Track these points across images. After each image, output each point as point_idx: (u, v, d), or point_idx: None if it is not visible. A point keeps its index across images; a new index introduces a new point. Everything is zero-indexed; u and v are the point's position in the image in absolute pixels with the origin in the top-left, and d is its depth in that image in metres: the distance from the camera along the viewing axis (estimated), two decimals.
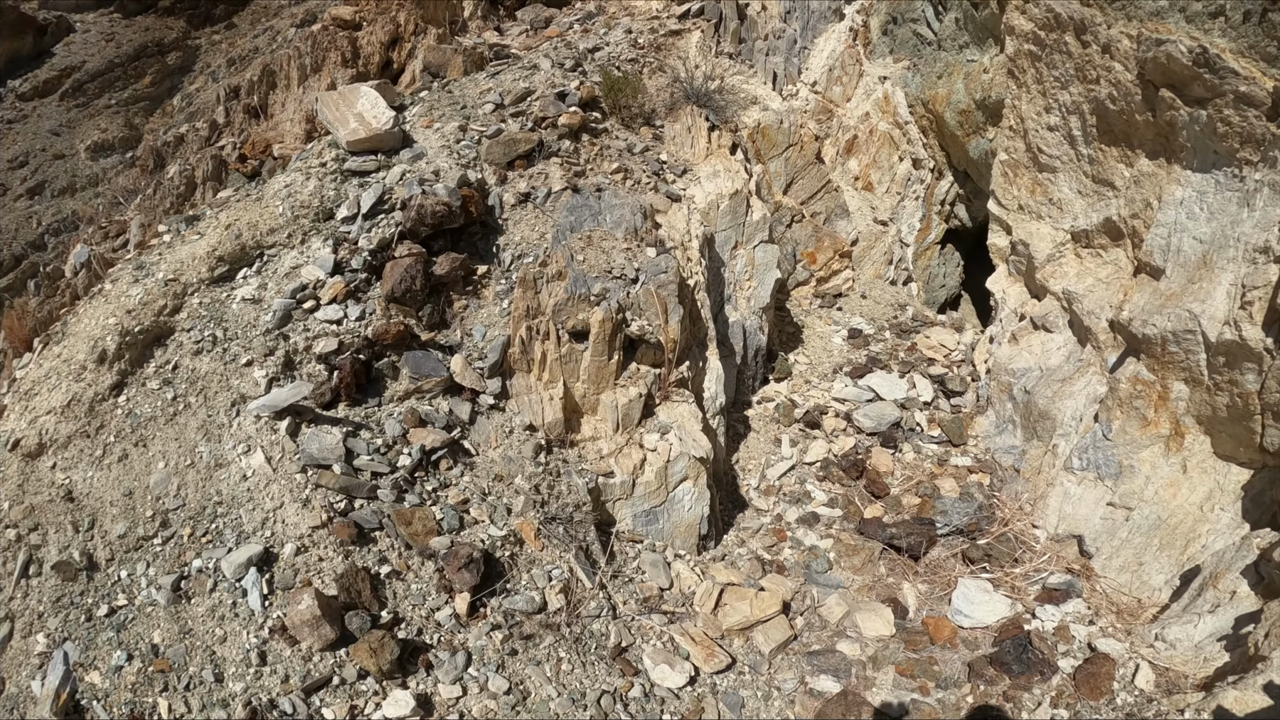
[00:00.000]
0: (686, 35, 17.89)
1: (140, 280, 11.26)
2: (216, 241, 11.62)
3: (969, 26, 16.71)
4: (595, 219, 12.10)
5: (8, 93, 40.13)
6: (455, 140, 12.89)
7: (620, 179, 13.06)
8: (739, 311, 13.77)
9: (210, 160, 14.89)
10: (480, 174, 12.48)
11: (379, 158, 12.48)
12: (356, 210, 11.66)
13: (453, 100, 13.90)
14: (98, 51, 41.31)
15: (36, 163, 35.41)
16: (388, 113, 12.54)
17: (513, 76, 14.47)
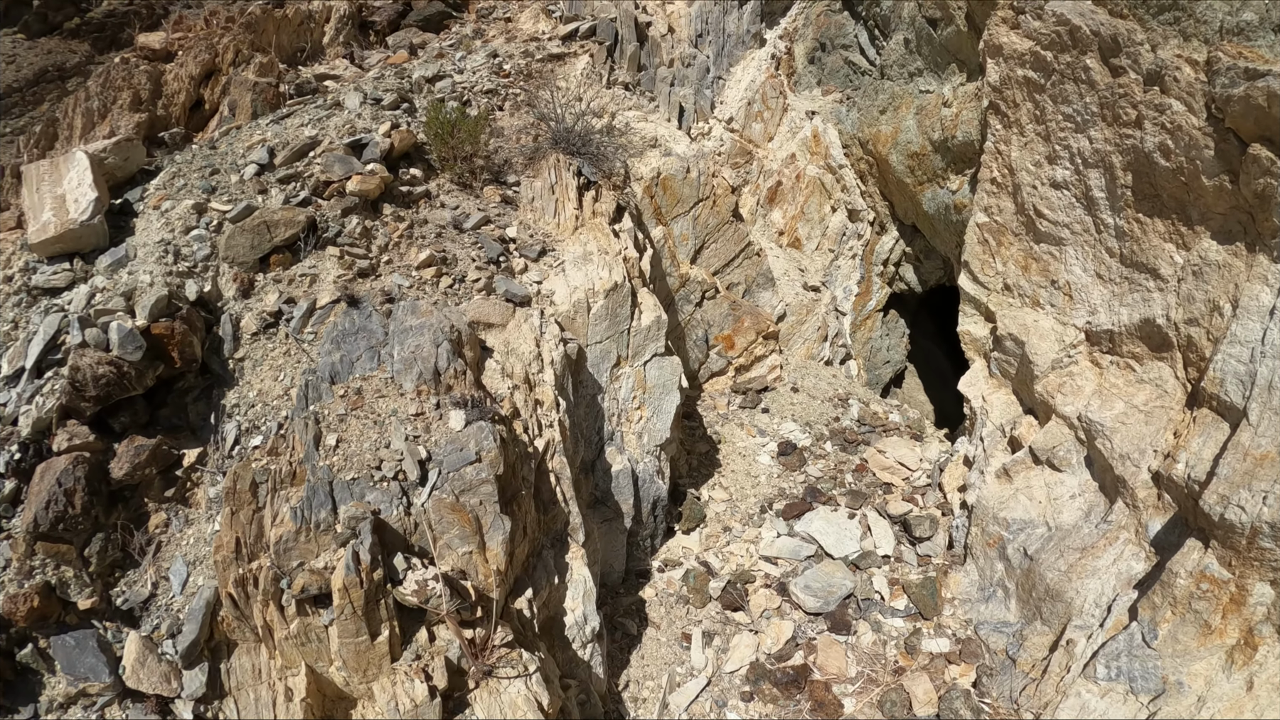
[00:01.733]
0: (571, 61, 12.86)
1: None
2: None
3: (923, 49, 12.57)
4: (375, 355, 7.41)
5: None
6: (184, 228, 8.06)
7: (432, 276, 8.24)
8: (626, 453, 9.08)
9: None
10: (211, 284, 7.76)
11: (74, 266, 7.77)
12: (23, 363, 6.94)
13: (209, 161, 8.99)
14: None
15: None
16: (90, 195, 7.69)
17: (302, 120, 9.57)
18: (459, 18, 15.96)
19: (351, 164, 8.60)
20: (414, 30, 15.34)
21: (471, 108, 10.58)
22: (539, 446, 7.59)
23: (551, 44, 13.15)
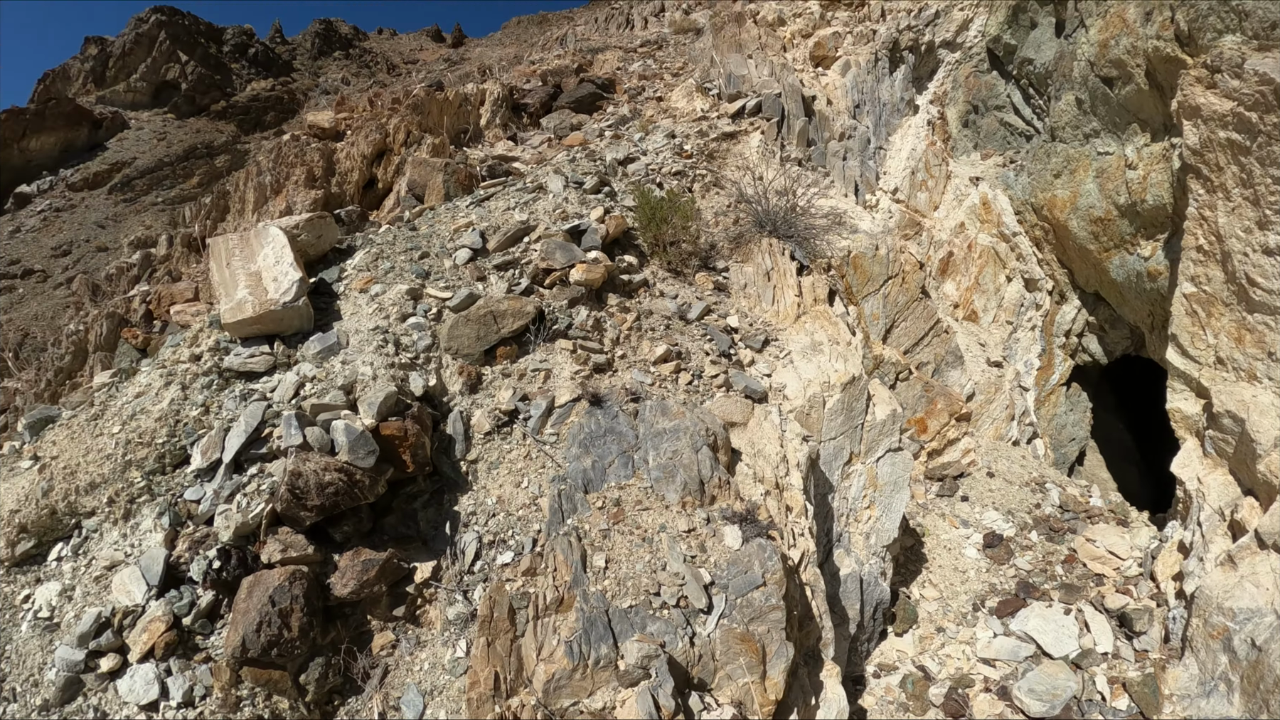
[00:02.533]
0: (744, 138, 11.87)
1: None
2: (23, 494, 6.23)
3: (1098, 109, 11.46)
4: (628, 460, 6.29)
5: (59, 181, 36.74)
6: (400, 315, 7.06)
7: (670, 373, 7.14)
8: (854, 555, 8.02)
9: (105, 320, 9.01)
10: (435, 377, 6.68)
11: (274, 349, 6.80)
12: (217, 455, 5.92)
13: (413, 242, 8.06)
14: (149, 149, 37.29)
15: (80, 253, 31.35)
16: (291, 275, 6.71)
17: (507, 203, 8.58)
18: (609, 98, 15.26)
19: (573, 251, 7.64)
20: (567, 112, 14.64)
21: (663, 189, 9.61)
22: (794, 557, 6.47)
23: (721, 122, 12.23)
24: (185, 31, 46.74)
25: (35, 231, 32.66)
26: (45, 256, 31.05)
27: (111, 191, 34.81)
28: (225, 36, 51.29)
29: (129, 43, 46.69)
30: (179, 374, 6.70)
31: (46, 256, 31.05)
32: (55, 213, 33.84)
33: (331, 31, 57.72)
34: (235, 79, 46.19)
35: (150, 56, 45.30)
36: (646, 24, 26.84)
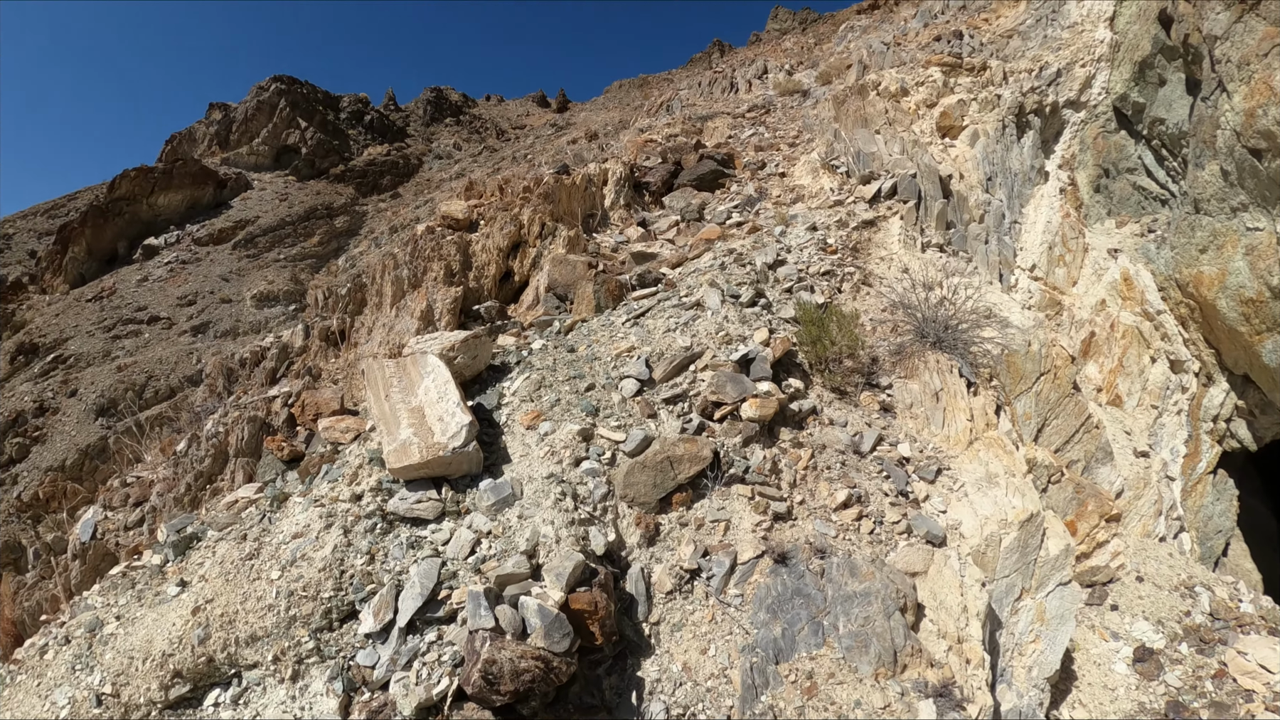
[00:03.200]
0: (883, 225, 11.16)
1: (79, 670, 6.05)
2: (177, 636, 5.81)
3: (1245, 182, 10.54)
4: (817, 627, 5.62)
5: (185, 236, 37.91)
6: (573, 460, 6.47)
7: (852, 520, 6.51)
8: (1014, 688, 7.26)
9: (248, 424, 8.67)
10: (613, 530, 6.07)
11: (442, 495, 6.23)
12: (390, 617, 5.38)
13: (573, 367, 7.48)
14: (271, 209, 37.99)
15: (204, 303, 31.97)
16: (459, 418, 6.17)
17: (666, 322, 7.97)
18: (731, 174, 14.66)
19: (743, 384, 7.00)
20: (690, 190, 14.07)
21: (815, 294, 8.91)
22: (972, 715, 5.72)
23: (859, 208, 11.49)
24: (304, 99, 47.78)
25: (162, 281, 33.40)
26: (171, 305, 31.80)
27: (235, 247, 35.49)
28: (342, 104, 52.42)
29: (251, 109, 47.83)
30: (339, 515, 6.22)
31: (172, 305, 31.80)
32: (181, 265, 34.62)
33: (442, 99, 58.56)
34: (352, 144, 47.07)
35: (271, 122, 46.38)
36: (750, 87, 26.23)
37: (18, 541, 22.26)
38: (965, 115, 13.88)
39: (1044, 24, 16.57)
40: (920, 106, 14.20)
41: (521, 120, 55.62)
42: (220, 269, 34.07)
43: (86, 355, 29.34)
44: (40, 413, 26.59)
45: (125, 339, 30.01)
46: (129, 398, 26.21)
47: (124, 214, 38.95)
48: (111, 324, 31.04)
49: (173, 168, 40.62)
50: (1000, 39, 17.28)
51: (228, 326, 29.99)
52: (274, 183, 42.26)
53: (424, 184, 40.85)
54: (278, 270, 33.13)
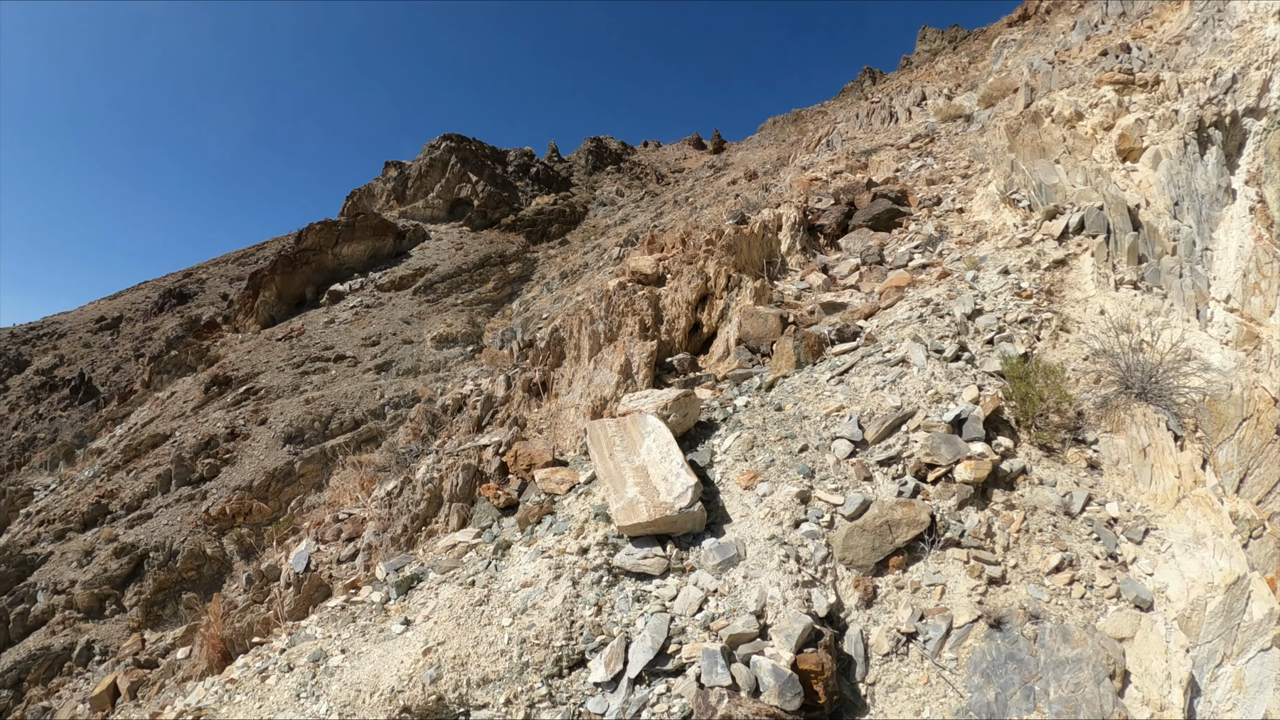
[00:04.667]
0: (1073, 263, 10.71)
1: (303, 698, 6.35)
2: (406, 674, 6.05)
3: None
4: (1029, 691, 5.50)
5: (369, 282, 39.70)
6: (793, 522, 6.44)
7: (1064, 585, 6.26)
8: None
9: (461, 471, 8.89)
10: (833, 592, 6.02)
11: (667, 551, 6.30)
12: (620, 668, 5.51)
13: (783, 426, 7.44)
14: (448, 257, 39.46)
15: (387, 344, 33.13)
16: (684, 479, 6.22)
17: (872, 380, 7.85)
18: (906, 213, 14.27)
19: (956, 445, 6.85)
20: (866, 231, 13.81)
21: (1015, 343, 8.61)
22: None
23: (1047, 246, 11.02)
24: (473, 155, 49.62)
25: (347, 324, 34.93)
26: (356, 345, 33.22)
27: (415, 293, 36.95)
28: (508, 158, 54.24)
29: (424, 166, 49.97)
30: (567, 567, 6.36)
31: (357, 345, 33.21)
32: (365, 309, 36.15)
33: (602, 148, 59.79)
34: (520, 195, 48.55)
35: (444, 177, 48.33)
36: (910, 115, 25.60)
37: (203, 550, 23.56)
38: (1144, 135, 13.06)
39: (1211, 25, 15.44)
40: (1097, 130, 13.46)
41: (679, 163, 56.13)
42: (401, 313, 35.45)
43: (276, 388, 30.91)
44: (231, 437, 28.13)
45: (313, 375, 31.49)
46: (315, 428, 27.45)
47: (311, 262, 41.09)
48: (300, 361, 32.63)
49: (355, 220, 42.69)
50: (1168, 47, 16.28)
51: (409, 365, 31.13)
52: (449, 233, 43.84)
53: (590, 230, 41.79)
54: (455, 314, 34.33)
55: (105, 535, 25.89)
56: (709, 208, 27.92)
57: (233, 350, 36.55)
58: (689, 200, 33.73)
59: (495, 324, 31.98)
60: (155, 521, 25.63)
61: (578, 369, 10.47)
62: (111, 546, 24.99)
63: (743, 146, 53.29)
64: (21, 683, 22.10)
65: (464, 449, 10.03)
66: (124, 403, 39.72)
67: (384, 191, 51.73)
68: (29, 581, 25.38)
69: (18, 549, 26.89)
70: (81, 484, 30.44)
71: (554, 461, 8.65)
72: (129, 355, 62.87)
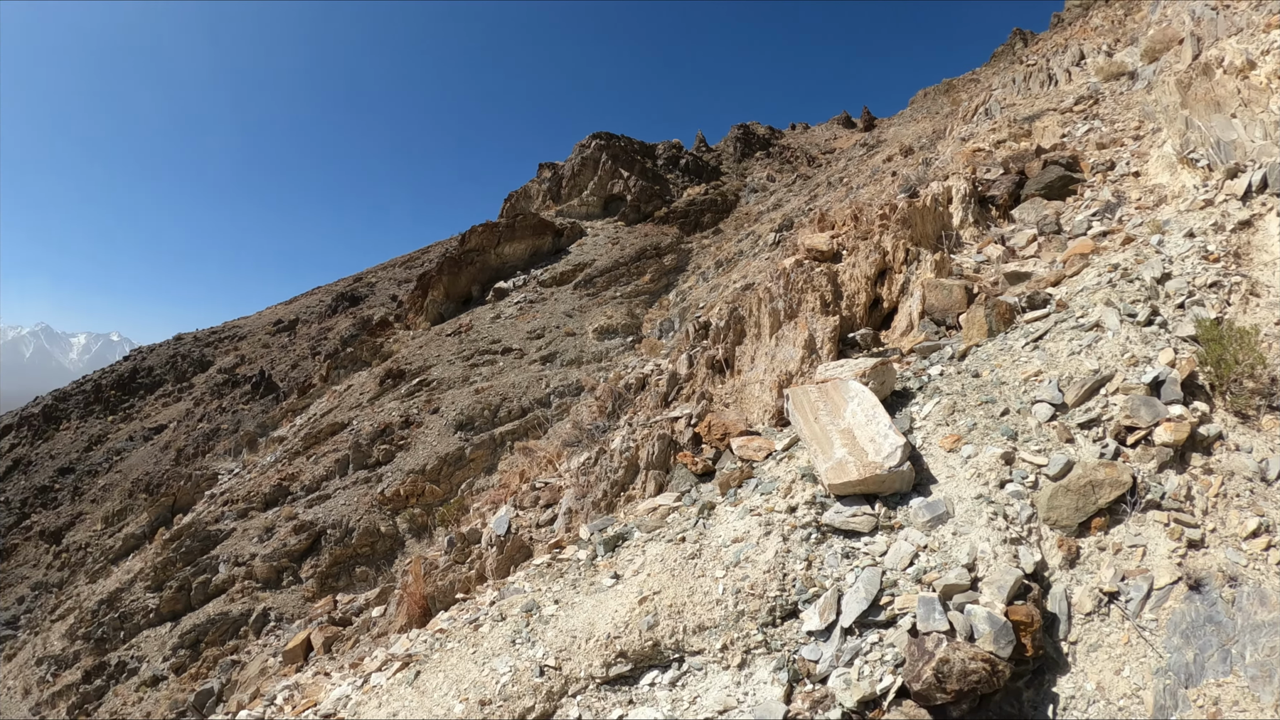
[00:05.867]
0: (1258, 223, 10.22)
1: (518, 644, 6.93)
2: (622, 622, 6.53)
3: None
4: (1225, 654, 5.47)
5: (530, 279, 41.32)
6: (998, 482, 6.59)
7: (1260, 549, 6.14)
8: None
9: (657, 441, 9.43)
10: (1038, 551, 6.12)
11: (875, 510, 6.54)
12: (834, 618, 5.80)
13: (982, 392, 7.55)
14: (605, 252, 40.45)
15: (550, 337, 34.70)
16: (892, 439, 6.44)
17: (1067, 345, 7.83)
18: (1079, 179, 13.81)
19: (1155, 408, 6.83)
20: (1038, 200, 13.45)
21: (1206, 308, 8.40)
22: None
23: (1231, 206, 10.55)
24: (623, 151, 50.54)
25: (512, 318, 36.27)
26: (521, 338, 34.66)
27: (575, 287, 38.07)
28: (657, 151, 54.93)
29: (576, 165, 51.26)
30: (776, 524, 6.65)
31: (522, 338, 34.64)
32: (529, 304, 37.50)
33: (750, 134, 59.48)
34: (671, 187, 49.16)
35: (596, 175, 49.49)
36: (1070, 76, 24.48)
37: (377, 528, 24.98)
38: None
39: None
40: (1271, 79, 12.68)
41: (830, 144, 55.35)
42: (563, 306, 36.72)
43: (447, 380, 32.38)
44: (405, 425, 29.67)
45: (481, 367, 32.86)
46: (484, 415, 28.71)
47: (475, 262, 42.89)
48: (469, 354, 34.10)
49: (514, 221, 44.39)
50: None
51: (572, 357, 32.36)
52: (605, 228, 44.89)
53: (743, 217, 42.06)
54: (614, 306, 35.22)
55: (285, 513, 28.06)
56: (865, 187, 27.61)
57: (404, 346, 38.42)
58: (843, 181, 33.44)
59: (653, 315, 32.62)
60: (333, 501, 27.55)
61: (759, 346, 10.73)
62: (291, 524, 27.10)
63: (894, 122, 52.08)
64: (199, 644, 24.40)
65: (655, 421, 10.49)
66: (303, 395, 42.28)
67: (540, 192, 53.25)
68: (211, 554, 27.95)
69: (203, 525, 29.43)
70: (264, 468, 32.80)
71: (746, 432, 8.96)
72: (306, 354, 66.58)
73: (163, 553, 29.26)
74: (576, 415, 16.35)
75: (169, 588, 27.12)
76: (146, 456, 60.18)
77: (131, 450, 63.73)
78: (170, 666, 24.10)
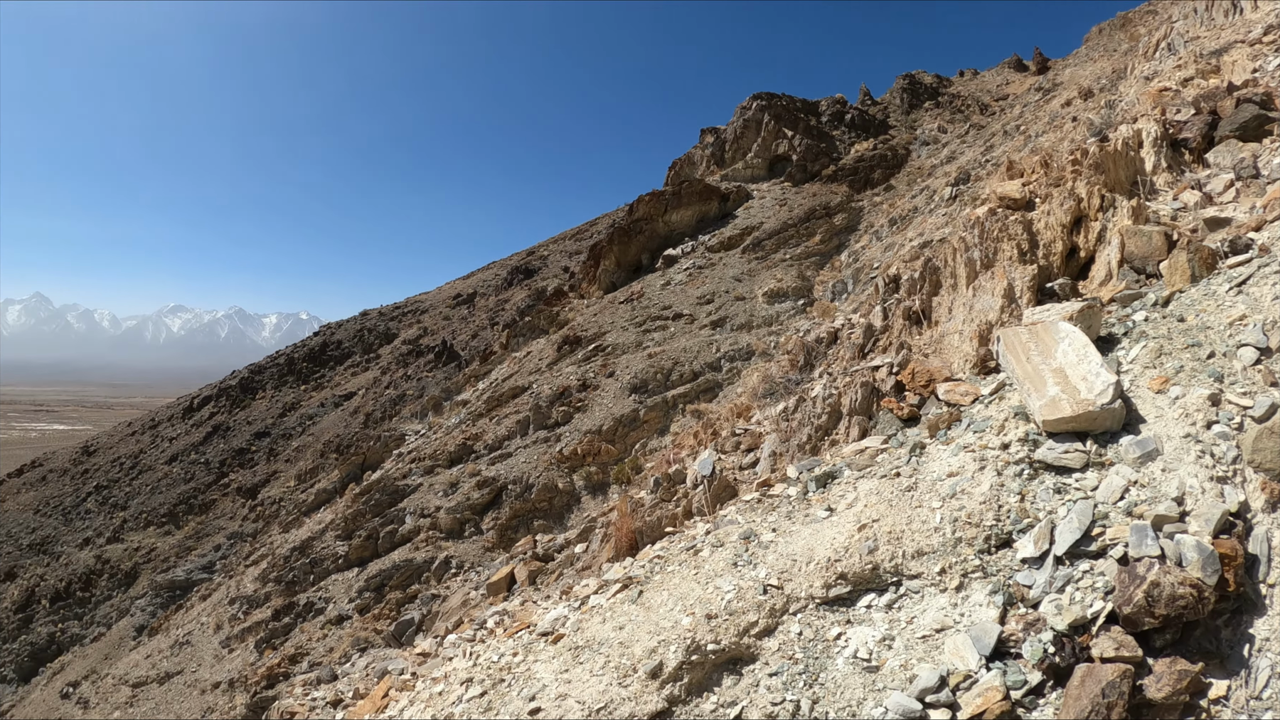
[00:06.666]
0: None
1: (739, 566, 7.58)
2: (842, 546, 7.14)
3: None
4: None
5: (699, 245, 41.96)
6: (1205, 423, 6.87)
7: None
8: None
9: (859, 388, 10.06)
10: (1241, 492, 6.34)
11: (1086, 447, 7.01)
12: (1047, 547, 6.28)
13: (1187, 335, 7.83)
14: (772, 214, 40.56)
15: (720, 302, 35.18)
16: (1104, 377, 6.86)
17: (1270, 290, 8.01)
18: (1275, 118, 13.27)
19: None
20: (1232, 143, 13.03)
21: None
22: None
23: None
24: (785, 110, 50.05)
25: (682, 284, 37.02)
26: (691, 304, 35.45)
27: (744, 251, 38.35)
28: (820, 108, 53.92)
29: (738, 128, 51.28)
30: (990, 460, 7.15)
31: (692, 304, 35.41)
32: (698, 269, 38.11)
33: (916, 84, 57.66)
34: (838, 144, 48.44)
35: (759, 137, 49.30)
36: (1255, 3, 23.14)
37: (555, 484, 26.38)
38: None
39: None
40: None
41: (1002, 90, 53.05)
42: (732, 271, 37.14)
43: (621, 345, 33.50)
44: (582, 389, 31.05)
45: (653, 332, 33.83)
46: (657, 379, 29.69)
47: (644, 231, 43.91)
48: (641, 320, 35.12)
49: (680, 189, 45.07)
50: None
51: (742, 321, 32.77)
52: (771, 190, 44.84)
53: (915, 172, 41.16)
54: (784, 269, 35.36)
55: (469, 470, 29.93)
56: (1045, 135, 26.88)
57: (579, 314, 39.90)
58: (1020, 129, 32.48)
59: (825, 277, 32.61)
60: (514, 460, 29.21)
61: (956, 297, 11.09)
62: (474, 479, 28.92)
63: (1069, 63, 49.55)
64: (383, 587, 26.62)
65: (856, 370, 11.06)
66: (484, 362, 44.45)
67: (703, 158, 53.64)
68: (399, 507, 30.24)
69: (391, 481, 31.76)
70: (449, 429, 34.91)
71: (950, 378, 9.41)
72: (484, 324, 69.58)
73: (353, 505, 31.79)
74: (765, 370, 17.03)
75: (358, 536, 29.60)
76: (337, 421, 64.60)
77: (323, 415, 68.49)
78: (355, 607, 26.43)
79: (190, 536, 55.96)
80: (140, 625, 41.56)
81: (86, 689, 35.15)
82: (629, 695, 6.67)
